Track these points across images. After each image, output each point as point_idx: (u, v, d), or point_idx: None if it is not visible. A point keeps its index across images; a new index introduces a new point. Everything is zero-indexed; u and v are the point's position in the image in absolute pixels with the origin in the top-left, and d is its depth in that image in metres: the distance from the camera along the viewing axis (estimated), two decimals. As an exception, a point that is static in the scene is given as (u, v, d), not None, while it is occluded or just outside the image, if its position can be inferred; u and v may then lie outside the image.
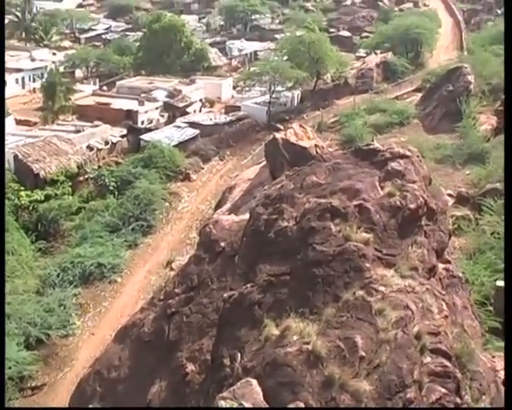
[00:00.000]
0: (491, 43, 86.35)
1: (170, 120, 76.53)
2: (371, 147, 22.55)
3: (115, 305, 45.40)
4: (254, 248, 20.57)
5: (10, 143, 59.86)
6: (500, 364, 19.89)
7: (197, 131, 71.44)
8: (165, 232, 55.48)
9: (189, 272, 26.85)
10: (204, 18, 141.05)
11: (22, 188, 55.96)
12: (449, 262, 21.67)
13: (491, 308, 26.33)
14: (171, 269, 45.21)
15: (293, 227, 19.58)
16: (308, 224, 19.13)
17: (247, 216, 23.87)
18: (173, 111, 78.70)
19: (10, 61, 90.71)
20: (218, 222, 28.38)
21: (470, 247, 33.74)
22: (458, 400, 15.70)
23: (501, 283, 26.29)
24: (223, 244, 26.38)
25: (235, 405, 14.89)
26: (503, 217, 33.85)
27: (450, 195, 43.87)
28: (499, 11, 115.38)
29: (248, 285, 19.05)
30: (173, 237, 54.62)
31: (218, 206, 51.18)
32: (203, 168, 67.00)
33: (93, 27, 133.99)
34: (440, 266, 20.51)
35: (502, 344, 23.05)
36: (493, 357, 21.34)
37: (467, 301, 21.91)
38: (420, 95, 75.60)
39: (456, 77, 68.14)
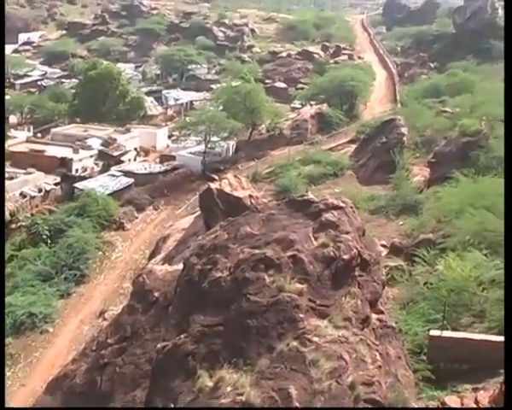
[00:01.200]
0: (424, 96, 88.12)
1: (104, 169, 76.04)
2: (305, 198, 22.72)
3: (47, 355, 44.40)
4: (188, 298, 20.43)
5: None
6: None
7: (132, 181, 71.10)
8: (98, 282, 54.69)
9: (123, 323, 26.54)
10: (140, 67, 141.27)
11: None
12: (382, 312, 21.80)
13: (424, 358, 26.47)
14: (104, 319, 44.53)
15: (227, 278, 19.54)
16: (242, 274, 19.11)
17: (180, 266, 23.76)
18: (108, 159, 78.26)
19: None
20: (152, 272, 28.17)
21: (404, 297, 33.97)
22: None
23: (434, 332, 26.55)
24: (156, 294, 26.16)
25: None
26: (436, 267, 34.36)
27: (383, 245, 44.26)
28: (432, 65, 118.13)
29: (182, 336, 18.91)
30: (106, 287, 53.87)
31: (152, 256, 50.86)
32: (137, 217, 66.52)
33: (28, 73, 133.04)
34: (374, 316, 20.63)
35: (435, 393, 23.21)
36: (427, 406, 21.44)
37: (400, 350, 22.04)
38: (354, 146, 76.34)
39: (390, 129, 69.19)
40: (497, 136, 58.55)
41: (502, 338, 25.66)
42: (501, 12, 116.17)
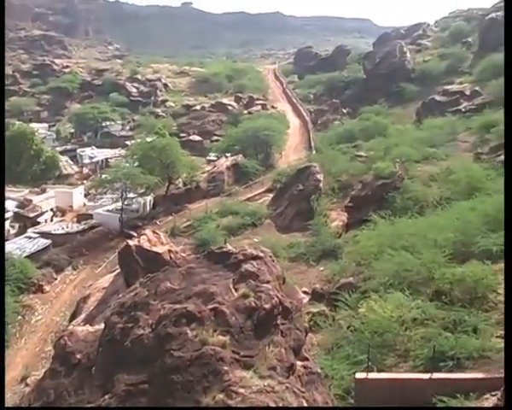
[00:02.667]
0: (338, 142, 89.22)
1: (21, 231, 74.73)
2: (224, 250, 22.72)
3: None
4: (111, 358, 20.13)
5: None
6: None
7: (49, 242, 69.96)
8: (18, 347, 53.40)
9: (45, 387, 25.86)
10: (54, 126, 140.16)
11: None
12: (307, 359, 21.77)
13: (352, 401, 26.53)
14: (27, 385, 43.35)
15: (150, 335, 19.34)
16: (164, 330, 18.95)
17: (102, 326, 23.40)
18: (24, 221, 77.02)
19: None
20: (73, 333, 27.62)
21: (328, 342, 34.10)
22: None
23: (360, 375, 26.65)
24: (79, 356, 25.63)
25: None
26: (358, 310, 34.62)
27: (305, 292, 44.50)
28: (345, 110, 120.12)
29: (106, 396, 18.60)
30: (28, 352, 52.62)
31: (73, 317, 50.03)
32: (56, 279, 65.37)
33: None
34: (299, 363, 20.59)
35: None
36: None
37: (327, 396, 22.00)
38: (271, 195, 76.70)
39: (306, 176, 69.84)
40: (412, 176, 59.91)
41: (427, 376, 25.99)
42: (409, 55, 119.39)
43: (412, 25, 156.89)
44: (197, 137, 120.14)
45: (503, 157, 58.07)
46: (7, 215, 76.39)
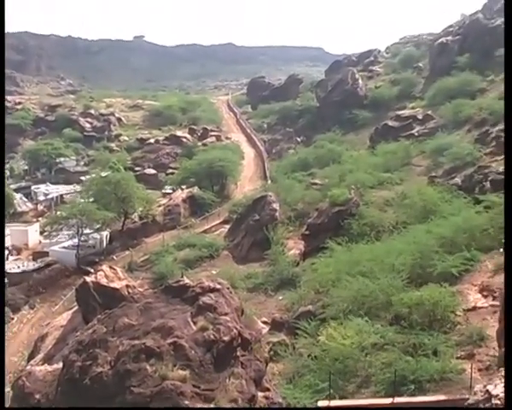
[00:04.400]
0: (293, 170, 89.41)
1: (-26, 271, 73.69)
2: (181, 283, 22.66)
3: None
4: (70, 396, 19.91)
5: None
6: None
7: (5, 281, 69.07)
8: (-25, 391, 52.46)
9: (3, 431, 25.48)
10: (7, 163, 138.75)
11: None
12: (268, 390, 21.74)
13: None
14: (-15, 430, 42.64)
15: (109, 372, 19.16)
16: (123, 367, 18.78)
17: (61, 365, 23.12)
18: (-22, 261, 75.97)
19: None
20: (32, 374, 27.27)
21: (289, 371, 34.02)
22: None
23: (322, 403, 26.59)
24: (38, 396, 25.30)
25: None
26: (318, 337, 34.64)
27: (265, 322, 44.42)
28: (299, 139, 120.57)
29: (66, 437, 18.33)
30: (-16, 395, 51.70)
31: (32, 356, 49.20)
32: (13, 318, 64.37)
33: None
34: (260, 394, 20.55)
35: None
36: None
37: (289, 426, 21.97)
38: (228, 226, 76.69)
39: (262, 206, 69.96)
40: (367, 202, 60.29)
41: (389, 400, 26.03)
42: (361, 82, 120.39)
43: (363, 51, 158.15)
44: (152, 171, 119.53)
45: (456, 179, 58.96)
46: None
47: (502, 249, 41.34)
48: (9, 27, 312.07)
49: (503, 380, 18.98)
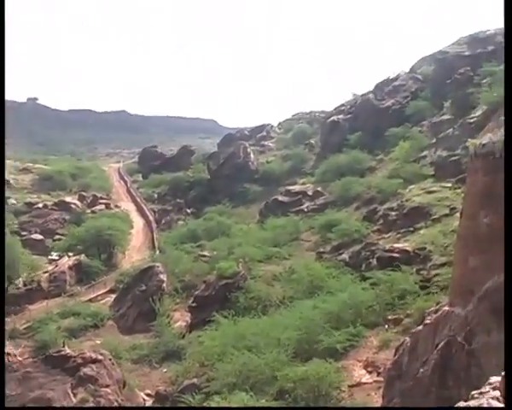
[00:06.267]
0: (182, 242, 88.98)
1: None
2: (62, 353, 22.01)
3: None
4: None
5: None
6: None
7: None
8: None
9: None
10: None
11: None
12: None
13: None
14: None
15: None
16: (-5, 441, 17.93)
17: None
18: None
19: None
20: None
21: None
22: None
23: None
24: None
25: None
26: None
27: (148, 394, 43.59)
28: (189, 210, 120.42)
29: None
30: None
31: None
32: None
33: None
34: None
35: None
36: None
37: None
38: (114, 296, 75.44)
39: (149, 276, 69.26)
40: (255, 276, 60.41)
41: None
42: (253, 156, 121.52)
43: (256, 126, 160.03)
44: (39, 236, 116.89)
45: (344, 256, 59.78)
46: None
47: (386, 326, 42.10)
48: None
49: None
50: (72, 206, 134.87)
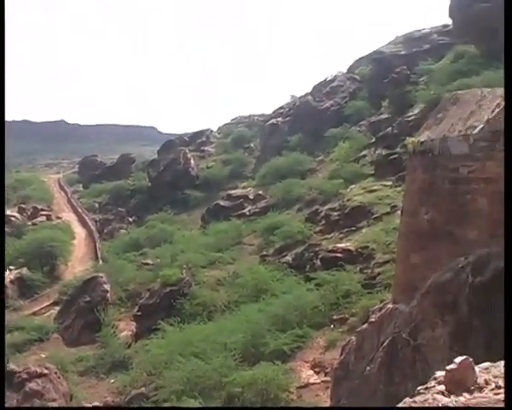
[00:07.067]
0: (125, 251, 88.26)
1: None
2: (7, 369, 21.64)
3: None
4: None
5: None
6: None
7: None
8: None
9: None
10: None
11: None
12: None
13: None
14: None
15: None
16: None
17: None
18: None
19: None
20: None
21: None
22: None
23: None
24: None
25: None
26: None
27: (96, 407, 43.20)
28: (131, 219, 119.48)
29: None
30: None
31: None
32: None
33: None
34: None
35: None
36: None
37: None
38: (58, 308, 74.45)
39: (93, 287, 68.55)
40: (199, 282, 60.28)
41: None
42: (193, 162, 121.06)
43: (196, 132, 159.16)
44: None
45: (287, 258, 59.88)
46: None
47: (332, 326, 42.37)
48: None
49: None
50: (12, 218, 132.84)
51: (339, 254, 51.52)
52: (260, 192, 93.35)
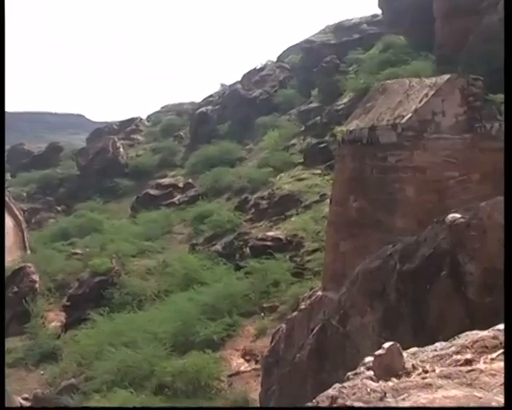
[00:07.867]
0: (53, 240, 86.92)
1: None
2: None
3: None
4: None
5: None
6: None
7: None
8: None
9: None
10: None
11: None
12: None
13: None
14: None
15: None
16: None
17: None
18: None
19: None
20: None
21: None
22: None
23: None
24: None
25: None
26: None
27: (26, 398, 42.68)
28: (59, 208, 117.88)
29: None
30: None
31: None
32: None
33: None
34: None
35: None
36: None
37: None
38: (-14, 299, 73.41)
39: (21, 277, 67.42)
40: (129, 271, 59.96)
41: None
42: (122, 150, 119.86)
43: (125, 119, 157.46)
44: None
45: (217, 247, 59.89)
46: None
47: (262, 314, 42.61)
48: None
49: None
50: None
51: (268, 243, 51.67)
52: (190, 181, 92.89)
